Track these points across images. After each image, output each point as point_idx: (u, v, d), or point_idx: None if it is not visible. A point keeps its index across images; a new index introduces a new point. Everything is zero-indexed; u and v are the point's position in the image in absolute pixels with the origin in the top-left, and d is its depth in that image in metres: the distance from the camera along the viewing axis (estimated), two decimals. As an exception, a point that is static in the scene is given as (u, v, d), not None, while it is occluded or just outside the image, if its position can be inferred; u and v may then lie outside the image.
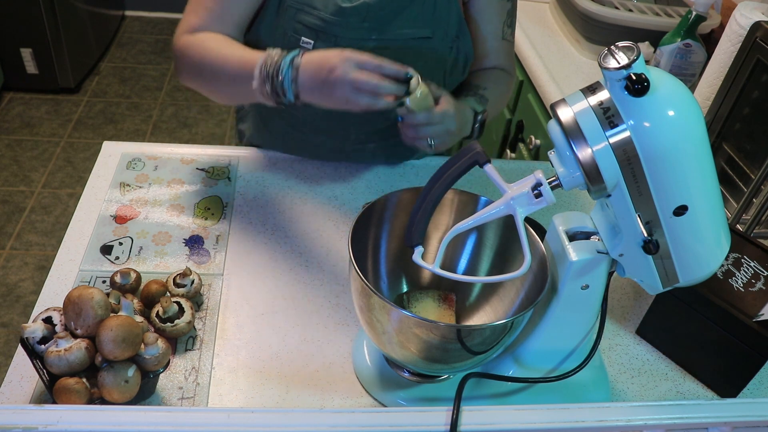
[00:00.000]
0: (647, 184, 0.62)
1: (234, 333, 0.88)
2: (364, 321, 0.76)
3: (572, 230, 0.74)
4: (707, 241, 0.68)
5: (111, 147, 1.19)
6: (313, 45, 1.02)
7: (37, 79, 3.00)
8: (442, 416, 0.62)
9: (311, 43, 1.02)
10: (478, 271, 0.87)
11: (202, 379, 0.82)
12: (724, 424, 0.66)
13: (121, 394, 0.71)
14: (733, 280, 0.88)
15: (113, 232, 1.02)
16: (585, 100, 0.62)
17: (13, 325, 2.07)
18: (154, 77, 3.32)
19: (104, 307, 0.72)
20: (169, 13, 3.84)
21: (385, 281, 0.87)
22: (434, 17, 1.06)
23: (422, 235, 0.69)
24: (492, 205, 0.68)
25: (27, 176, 2.63)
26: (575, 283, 0.73)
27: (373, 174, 1.19)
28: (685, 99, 0.61)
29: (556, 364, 0.81)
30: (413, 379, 0.83)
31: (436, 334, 0.70)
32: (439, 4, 1.06)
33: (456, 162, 0.67)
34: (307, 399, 0.82)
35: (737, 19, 1.22)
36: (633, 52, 0.58)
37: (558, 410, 0.65)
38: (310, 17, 1.01)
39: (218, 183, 1.13)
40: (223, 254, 1.00)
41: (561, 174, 0.64)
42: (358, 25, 1.02)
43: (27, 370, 0.79)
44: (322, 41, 1.02)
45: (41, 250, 2.33)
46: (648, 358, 0.93)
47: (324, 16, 1.01)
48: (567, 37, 1.84)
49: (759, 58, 1.13)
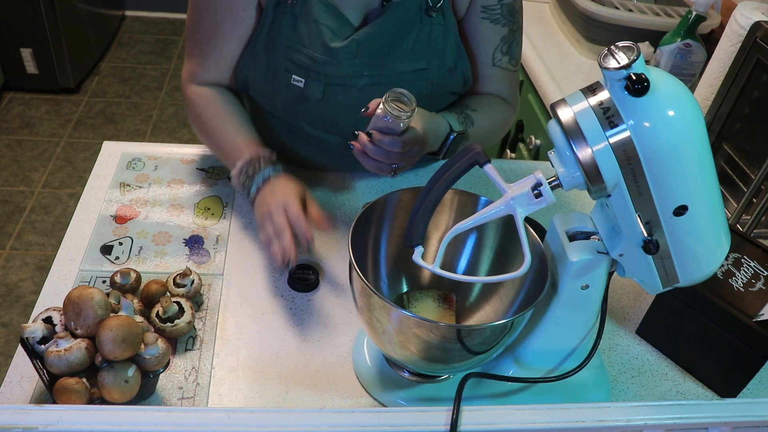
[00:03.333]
0: (647, 184, 0.62)
1: (234, 333, 0.88)
2: (364, 321, 0.76)
3: (572, 230, 0.74)
4: (707, 241, 0.68)
5: (111, 147, 1.19)
6: (304, 83, 1.00)
7: (37, 79, 3.00)
8: (442, 416, 0.62)
9: (302, 81, 1.00)
10: (478, 271, 0.87)
11: (202, 379, 0.82)
12: (724, 424, 0.66)
13: (121, 394, 0.71)
14: (733, 280, 0.88)
15: (113, 232, 1.02)
16: (585, 100, 0.62)
17: (13, 325, 2.07)
18: (154, 77, 3.32)
19: (104, 307, 0.72)
20: (169, 13, 3.84)
21: (385, 281, 0.87)
22: (429, 48, 1.02)
23: (422, 235, 0.69)
24: (492, 205, 0.68)
25: (27, 176, 2.63)
26: (575, 283, 0.73)
27: (373, 174, 1.19)
28: (685, 99, 0.61)
29: (556, 364, 0.81)
30: (413, 379, 0.83)
31: (436, 334, 0.70)
32: (434, 35, 1.01)
33: (456, 162, 0.67)
34: (307, 399, 0.82)
35: (737, 19, 1.22)
36: (633, 52, 0.58)
37: (558, 410, 0.65)
38: (300, 56, 0.99)
39: (218, 183, 1.13)
40: (223, 254, 1.00)
41: (561, 174, 0.64)
42: (349, 63, 0.99)
43: (27, 370, 0.79)
44: (312, 79, 1.00)
45: (41, 250, 2.33)
46: (648, 358, 0.93)
47: (313, 55, 0.98)
48: (567, 37, 1.84)
49: (759, 58, 1.13)
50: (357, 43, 0.98)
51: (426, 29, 1.01)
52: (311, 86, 1.00)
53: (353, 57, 0.99)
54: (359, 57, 0.99)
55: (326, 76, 1.00)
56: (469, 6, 1.03)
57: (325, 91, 1.01)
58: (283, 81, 1.02)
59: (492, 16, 1.04)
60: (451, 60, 1.04)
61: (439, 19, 1.01)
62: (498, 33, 1.06)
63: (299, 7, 0.97)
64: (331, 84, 1.00)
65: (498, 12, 1.04)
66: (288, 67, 1.00)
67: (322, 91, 1.01)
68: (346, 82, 1.01)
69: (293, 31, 0.98)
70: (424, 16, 1.00)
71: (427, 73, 1.03)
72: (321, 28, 0.97)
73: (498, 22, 1.05)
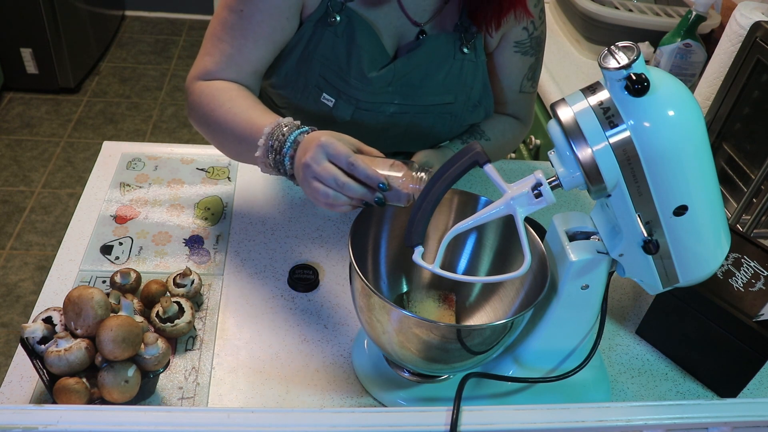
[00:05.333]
0: (647, 184, 0.62)
1: (234, 333, 0.88)
2: (364, 321, 0.76)
3: (572, 230, 0.74)
4: (707, 241, 0.68)
5: (111, 147, 1.19)
6: (333, 103, 0.99)
7: (37, 79, 3.00)
8: (442, 416, 0.62)
9: (332, 101, 0.99)
10: (478, 271, 0.87)
11: (202, 379, 0.82)
12: (724, 424, 0.66)
13: (121, 394, 0.71)
14: (733, 280, 0.88)
15: (113, 232, 1.02)
16: (585, 100, 0.62)
17: (13, 325, 2.07)
18: (154, 77, 3.32)
19: (104, 307, 0.72)
20: (169, 13, 3.84)
21: (385, 281, 0.87)
22: (459, 83, 1.03)
23: (422, 235, 0.69)
24: (492, 205, 0.68)
25: (27, 176, 2.63)
26: (575, 283, 0.73)
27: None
28: (685, 99, 0.61)
29: (556, 364, 0.81)
30: (413, 379, 0.83)
31: (436, 334, 0.70)
32: (465, 70, 1.03)
33: (456, 162, 0.67)
34: (307, 399, 0.82)
35: (737, 19, 1.22)
36: (633, 52, 0.58)
37: (558, 410, 0.65)
38: (334, 76, 0.98)
39: (218, 183, 1.13)
40: (223, 254, 1.00)
41: (561, 174, 0.64)
42: (382, 90, 1.00)
43: (27, 370, 0.79)
44: (343, 101, 0.99)
45: (41, 250, 2.33)
46: (648, 358, 0.93)
47: (349, 79, 0.98)
48: (567, 37, 1.84)
49: (759, 58, 1.13)
50: (393, 73, 0.99)
51: (458, 64, 1.02)
52: (341, 108, 1.00)
53: (387, 85, 1.00)
54: (393, 85, 1.00)
55: (357, 100, 1.00)
56: (500, 41, 1.06)
57: (354, 114, 1.01)
58: (312, 96, 1.00)
59: (523, 49, 1.07)
60: (476, 96, 1.07)
61: (471, 56, 1.03)
62: (527, 63, 1.09)
63: (342, 27, 0.96)
64: (360, 108, 1.01)
65: (528, 45, 1.07)
66: (320, 84, 0.99)
67: (351, 114, 1.01)
68: (376, 108, 1.01)
69: (332, 51, 0.97)
70: (457, 52, 1.02)
71: (453, 107, 1.05)
72: (362, 54, 0.97)
73: (527, 54, 1.08)
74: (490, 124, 1.13)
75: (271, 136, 0.85)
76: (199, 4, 3.81)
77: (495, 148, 1.13)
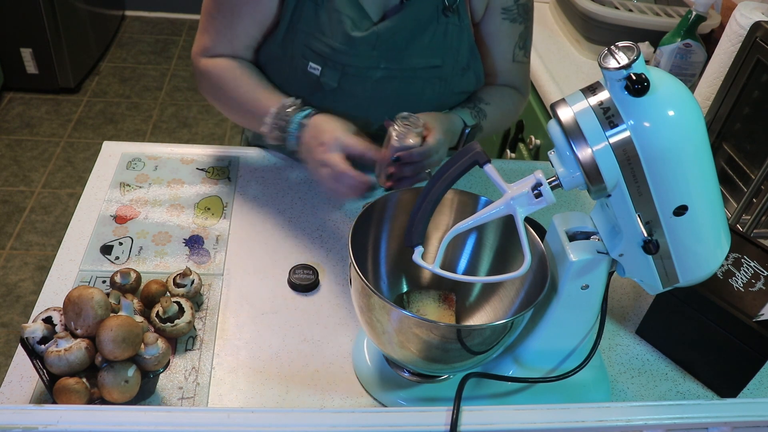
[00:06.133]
0: (647, 184, 0.62)
1: (234, 333, 0.88)
2: (364, 321, 0.76)
3: (572, 230, 0.74)
4: (707, 241, 0.68)
5: (111, 147, 1.19)
6: (320, 71, 1.02)
7: (37, 79, 3.00)
8: (442, 416, 0.62)
9: (319, 69, 1.02)
10: (478, 271, 0.87)
11: (202, 379, 0.82)
12: (724, 424, 0.66)
13: (121, 394, 0.71)
14: (733, 280, 0.88)
15: (113, 232, 1.02)
16: (585, 100, 0.62)
17: (13, 325, 2.07)
18: (154, 77, 3.32)
19: (104, 307, 0.72)
20: (169, 13, 3.84)
21: (385, 281, 0.87)
22: (445, 46, 1.05)
23: (422, 235, 0.69)
24: (492, 205, 0.68)
25: (27, 176, 2.63)
26: (575, 283, 0.73)
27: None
28: (685, 99, 0.61)
29: (556, 364, 0.81)
30: (413, 379, 0.83)
31: (436, 334, 0.70)
32: (450, 33, 1.05)
33: (456, 162, 0.67)
34: (307, 399, 0.82)
35: (737, 19, 1.22)
36: (633, 52, 0.58)
37: (558, 410, 0.65)
38: (319, 44, 1.01)
39: (218, 183, 1.14)
40: (223, 254, 1.00)
41: (561, 174, 0.64)
42: (367, 54, 1.02)
43: (27, 370, 0.79)
44: (329, 68, 1.02)
45: (41, 250, 2.33)
46: (648, 358, 0.93)
47: (333, 44, 1.00)
48: (567, 37, 1.84)
49: (759, 58, 1.13)
50: (377, 35, 1.01)
51: (442, 28, 1.04)
52: (327, 75, 1.02)
53: (372, 48, 1.01)
54: (377, 49, 1.02)
55: (343, 65, 1.02)
56: (487, 8, 1.08)
57: (341, 81, 1.03)
58: (299, 68, 1.03)
59: (510, 16, 1.09)
60: (464, 60, 1.08)
61: (455, 19, 1.05)
62: (516, 30, 1.11)
63: None
64: (347, 74, 1.02)
65: (515, 12, 1.09)
66: (306, 54, 1.02)
67: (338, 80, 1.03)
68: (363, 73, 1.03)
69: (314, 20, 1.00)
70: (440, 16, 1.04)
71: (441, 71, 1.06)
72: (342, 18, 1.00)
73: (516, 21, 1.10)
74: (488, 91, 1.15)
75: (278, 116, 1.00)
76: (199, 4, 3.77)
77: (496, 113, 1.14)
